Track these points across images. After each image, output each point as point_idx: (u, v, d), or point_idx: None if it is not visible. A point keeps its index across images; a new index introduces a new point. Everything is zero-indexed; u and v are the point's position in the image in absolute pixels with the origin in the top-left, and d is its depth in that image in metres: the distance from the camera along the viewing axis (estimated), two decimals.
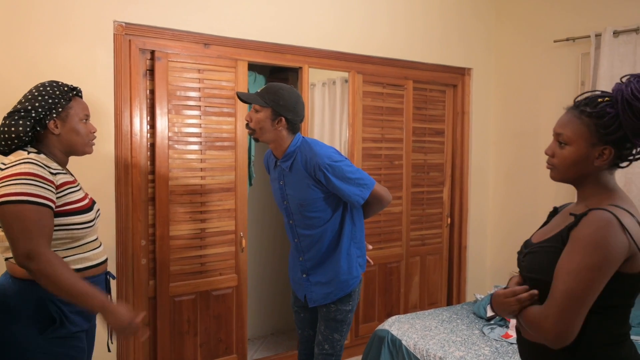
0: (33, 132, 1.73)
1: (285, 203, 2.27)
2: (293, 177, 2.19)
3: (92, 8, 2.54)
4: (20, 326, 1.65)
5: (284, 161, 2.20)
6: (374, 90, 3.56)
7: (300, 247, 2.29)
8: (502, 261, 4.12)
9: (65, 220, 1.71)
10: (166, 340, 2.84)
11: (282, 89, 2.14)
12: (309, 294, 2.30)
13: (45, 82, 1.79)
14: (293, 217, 2.26)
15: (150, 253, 2.81)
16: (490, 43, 4.12)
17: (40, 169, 1.65)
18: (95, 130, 1.88)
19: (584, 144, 1.32)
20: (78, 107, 1.81)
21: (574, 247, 1.25)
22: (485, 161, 4.17)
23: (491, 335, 2.73)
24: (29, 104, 1.72)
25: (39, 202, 1.60)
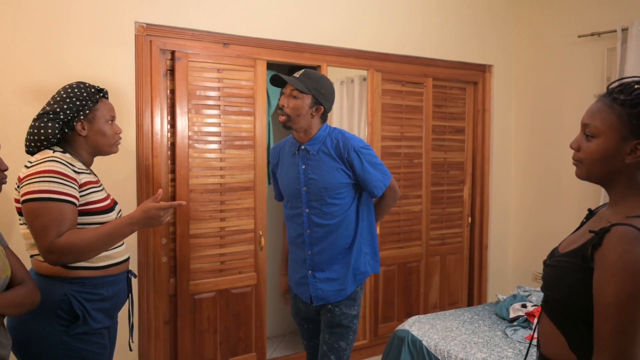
0: (61, 133, 1.76)
1: (305, 189, 2.15)
2: (319, 161, 2.13)
3: (114, 9, 2.56)
4: (44, 322, 1.68)
5: (310, 144, 2.14)
6: (393, 88, 3.54)
7: (311, 240, 2.17)
8: (524, 261, 4.06)
9: (87, 219, 1.73)
10: (187, 338, 2.87)
11: (323, 78, 2.12)
12: (315, 291, 2.18)
13: (72, 84, 1.82)
14: (311, 204, 2.15)
15: (170, 251, 2.83)
16: (512, 39, 4.05)
17: (63, 167, 1.68)
18: (120, 131, 1.91)
19: (614, 137, 1.16)
20: (104, 108, 1.84)
21: (606, 275, 1.09)
22: (506, 159, 4.11)
23: (514, 337, 2.69)
24: (58, 106, 1.75)
25: (61, 199, 1.63)
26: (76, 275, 1.72)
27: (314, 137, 2.14)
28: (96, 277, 1.77)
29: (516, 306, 2.96)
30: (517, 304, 2.99)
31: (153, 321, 2.78)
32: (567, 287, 1.19)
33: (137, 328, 2.72)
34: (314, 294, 2.17)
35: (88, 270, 1.75)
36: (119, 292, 1.87)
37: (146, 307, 2.75)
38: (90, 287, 1.74)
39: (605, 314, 1.08)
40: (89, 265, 1.75)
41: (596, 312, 1.11)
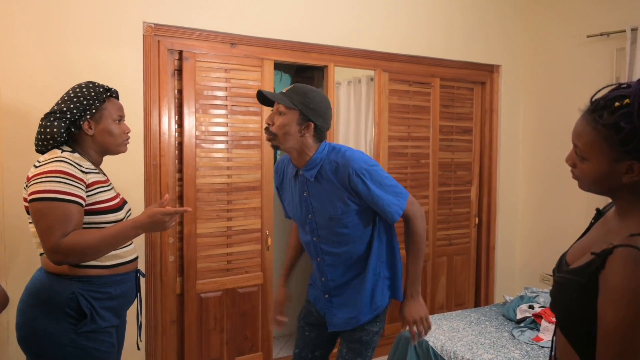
0: (68, 132, 1.77)
1: (310, 217, 1.96)
2: (320, 188, 1.91)
3: (122, 10, 2.58)
4: (53, 319, 1.69)
5: (307, 170, 1.91)
6: (400, 89, 3.53)
7: (324, 268, 2.00)
8: (531, 262, 4.04)
9: (95, 218, 1.74)
10: (193, 337, 2.88)
11: (313, 91, 1.88)
12: (330, 317, 2.03)
13: (82, 83, 1.83)
14: (318, 232, 1.96)
15: (178, 250, 2.85)
16: (520, 39, 4.04)
17: (70, 167, 1.69)
18: (129, 130, 1.90)
19: (604, 160, 1.11)
20: (112, 108, 1.84)
21: (608, 299, 1.06)
22: (514, 160, 4.09)
23: (521, 338, 2.68)
24: (65, 105, 1.76)
25: (67, 199, 1.64)
26: (84, 273, 1.73)
27: (309, 161, 1.89)
28: (104, 276, 1.77)
29: (523, 307, 2.95)
30: (524, 305, 2.98)
31: (160, 320, 2.80)
32: (573, 306, 1.15)
33: (145, 326, 2.74)
34: (329, 319, 2.03)
35: (96, 269, 1.75)
36: (127, 291, 1.88)
37: (153, 306, 2.77)
38: (98, 285, 1.75)
39: (607, 339, 1.06)
40: (97, 264, 1.76)
41: (599, 335, 1.09)
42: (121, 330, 1.96)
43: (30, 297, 1.75)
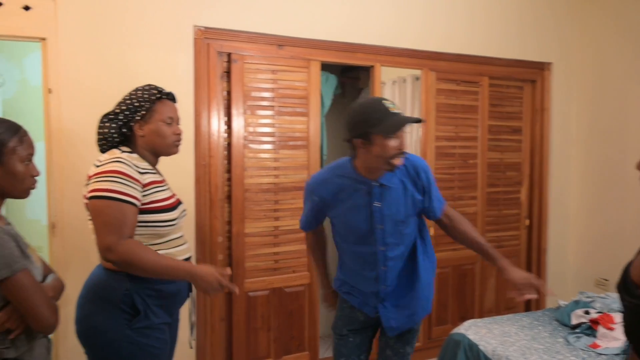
0: (121, 133, 1.83)
1: (380, 227, 1.93)
2: (395, 193, 1.93)
3: (174, 14, 2.65)
4: (109, 315, 1.74)
5: (386, 179, 1.92)
6: (448, 88, 3.48)
7: (387, 275, 1.98)
8: (586, 266, 3.89)
9: (150, 217, 1.78)
10: (241, 335, 2.92)
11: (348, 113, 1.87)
12: (387, 321, 2.01)
13: (140, 87, 1.87)
14: (386, 241, 1.95)
15: (226, 249, 2.90)
16: (573, 35, 3.90)
17: (128, 168, 1.73)
18: (180, 132, 1.91)
19: None
20: (162, 109, 1.86)
21: None
22: (566, 160, 3.96)
23: (577, 345, 2.58)
24: (119, 107, 1.83)
25: (123, 199, 1.68)
26: None
27: None
28: None
29: (578, 312, 2.85)
30: (579, 310, 2.87)
31: (209, 317, 2.85)
32: None
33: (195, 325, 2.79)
34: (386, 324, 2.02)
35: None
36: (179, 290, 1.90)
37: (203, 304, 2.82)
38: (152, 283, 1.78)
39: None
40: None
41: None
42: (174, 327, 1.99)
43: (89, 292, 1.81)
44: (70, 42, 2.45)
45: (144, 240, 1.79)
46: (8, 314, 1.45)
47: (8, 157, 1.47)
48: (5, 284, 1.40)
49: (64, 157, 2.46)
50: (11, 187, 1.50)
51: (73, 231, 2.47)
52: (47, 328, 1.49)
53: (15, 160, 1.48)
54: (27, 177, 1.52)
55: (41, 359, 1.56)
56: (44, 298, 1.47)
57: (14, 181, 1.49)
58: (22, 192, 1.54)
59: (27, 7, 2.37)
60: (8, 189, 1.50)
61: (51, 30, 2.42)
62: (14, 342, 1.47)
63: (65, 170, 2.45)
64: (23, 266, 1.43)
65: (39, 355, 1.54)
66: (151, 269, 1.69)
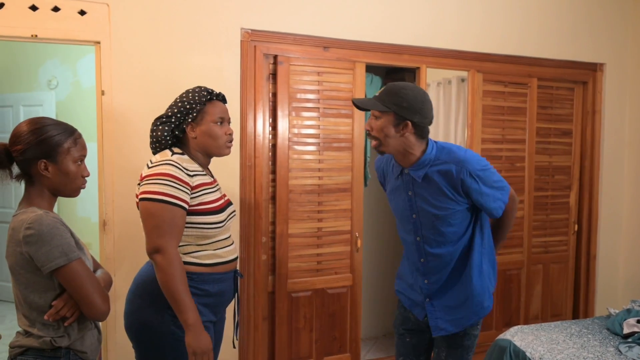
0: (173, 136, 1.87)
1: (414, 217, 1.96)
2: (428, 188, 1.90)
3: (222, 17, 2.70)
4: (156, 311, 1.78)
5: (415, 170, 1.90)
6: (495, 89, 3.41)
7: (427, 269, 1.97)
8: (638, 273, 3.74)
9: (198, 218, 1.81)
10: (284, 334, 2.94)
11: (405, 89, 1.85)
12: (433, 321, 1.98)
13: (190, 89, 1.91)
14: (422, 232, 1.95)
15: (270, 249, 2.93)
16: (627, 35, 3.76)
17: (178, 171, 1.77)
18: (231, 132, 1.94)
19: None
20: (213, 110, 1.88)
21: None
22: (618, 164, 3.82)
23: (629, 355, 2.49)
24: (171, 110, 1.87)
25: (173, 202, 1.73)
26: (185, 269, 1.79)
27: (418, 162, 1.89)
28: (203, 274, 1.84)
29: (631, 321, 2.74)
30: (631, 319, 2.77)
31: (252, 316, 2.89)
32: None
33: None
34: (432, 323, 1.99)
35: (196, 266, 1.82)
36: (224, 290, 1.93)
37: (246, 303, 2.86)
38: (197, 282, 1.82)
39: None
40: (198, 262, 1.83)
41: None
42: (219, 326, 2.02)
43: (138, 288, 1.86)
44: (122, 45, 2.53)
45: (192, 239, 1.82)
46: (64, 301, 1.52)
47: (63, 157, 1.56)
48: (62, 272, 1.48)
49: (115, 157, 2.53)
50: (63, 186, 1.59)
51: (123, 229, 2.55)
52: (100, 315, 1.56)
53: (69, 160, 1.57)
54: (79, 177, 1.61)
55: (92, 348, 1.62)
56: (97, 286, 1.54)
57: (67, 180, 1.58)
58: (73, 191, 1.63)
59: (82, 11, 2.46)
60: (61, 188, 1.59)
61: (105, 34, 2.50)
62: (67, 330, 1.54)
63: (116, 170, 2.53)
64: (78, 255, 1.51)
65: (89, 345, 1.61)
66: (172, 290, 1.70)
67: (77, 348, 1.56)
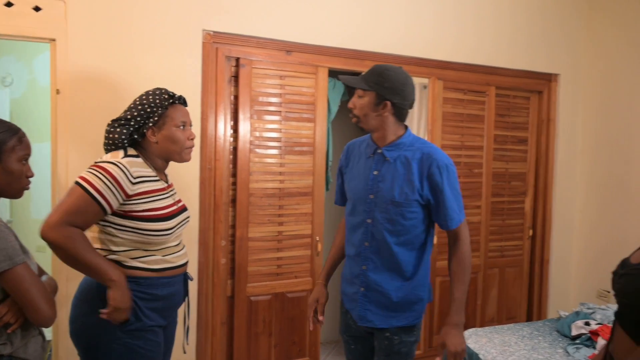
0: (131, 139, 1.82)
1: (371, 197, 1.95)
2: (394, 170, 1.92)
3: (183, 18, 2.67)
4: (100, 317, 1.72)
5: (389, 150, 1.94)
6: (455, 97, 3.49)
7: (369, 254, 1.97)
8: (589, 277, 3.88)
9: (144, 225, 1.75)
10: (242, 339, 2.92)
11: (388, 70, 1.89)
12: (363, 311, 1.98)
13: (150, 91, 1.86)
14: (374, 215, 1.94)
15: (229, 253, 2.91)
16: (580, 47, 3.90)
17: (121, 175, 1.71)
18: (193, 136, 1.91)
19: None
20: (175, 114, 1.85)
21: None
22: (571, 171, 3.96)
23: (576, 356, 2.58)
24: (130, 113, 1.82)
25: (96, 198, 1.67)
26: (132, 274, 1.76)
27: (394, 143, 1.94)
28: (151, 278, 1.79)
29: (579, 323, 2.84)
30: (579, 321, 2.87)
31: (210, 321, 2.86)
32: None
33: (195, 326, 2.80)
34: (361, 313, 1.99)
35: (144, 271, 1.78)
36: (174, 293, 1.89)
37: (204, 307, 2.83)
38: (145, 286, 1.78)
39: None
40: (145, 267, 1.78)
41: None
42: (170, 330, 1.98)
43: (82, 293, 1.81)
44: (79, 43, 2.47)
45: (138, 245, 1.78)
46: (7, 306, 1.47)
47: (7, 155, 1.52)
48: (6, 276, 1.43)
49: (69, 158, 2.47)
50: (7, 186, 1.55)
51: None
52: (46, 321, 1.51)
53: (13, 159, 1.54)
54: (23, 176, 1.58)
55: (36, 355, 1.57)
56: (42, 291, 1.50)
57: (11, 179, 1.55)
58: (17, 192, 1.59)
59: (37, 7, 2.39)
60: (5, 188, 1.55)
61: (61, 32, 2.44)
62: (10, 337, 1.48)
63: (70, 171, 2.47)
64: (23, 259, 1.46)
65: (33, 352, 1.55)
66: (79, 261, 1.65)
67: (20, 356, 1.51)
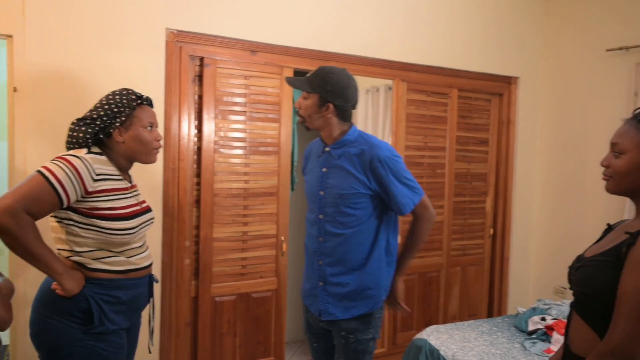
0: (96, 138, 1.80)
1: (321, 193, 2.05)
2: (341, 167, 2.01)
3: (146, 16, 2.64)
4: (62, 319, 1.71)
5: (335, 148, 2.04)
6: (418, 98, 3.55)
7: (323, 249, 2.04)
8: (546, 275, 4.02)
9: (105, 223, 1.74)
10: (207, 340, 2.91)
11: (331, 73, 1.97)
12: (324, 305, 2.05)
13: (116, 90, 1.85)
14: (325, 210, 2.03)
15: (193, 254, 2.89)
16: (539, 52, 4.03)
17: (84, 169, 1.70)
18: (160, 137, 1.91)
19: (639, 153, 1.32)
20: (142, 114, 1.85)
21: (632, 268, 1.24)
22: (531, 172, 4.08)
23: (532, 350, 2.67)
24: (96, 112, 1.80)
25: (55, 187, 1.64)
26: (96, 276, 1.74)
27: (339, 140, 2.04)
28: (116, 279, 1.78)
29: (535, 319, 2.94)
30: (536, 316, 2.97)
31: (174, 322, 2.83)
32: (603, 283, 1.29)
33: (159, 328, 2.78)
34: (322, 307, 2.05)
35: (107, 273, 1.77)
36: (138, 295, 1.88)
37: (168, 308, 2.81)
38: (109, 289, 1.76)
39: (622, 299, 1.23)
40: (109, 269, 1.77)
41: (617, 298, 1.25)
42: (134, 332, 1.97)
43: (43, 295, 1.77)
44: (37, 40, 2.41)
45: (102, 246, 1.76)
46: None
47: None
48: None
49: (27, 157, 2.41)
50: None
51: None
52: (1, 324, 1.48)
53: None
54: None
55: None
56: None
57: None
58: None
59: None
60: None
61: (18, 28, 2.38)
62: None
63: (28, 170, 2.40)
64: None
65: None
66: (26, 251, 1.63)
67: None
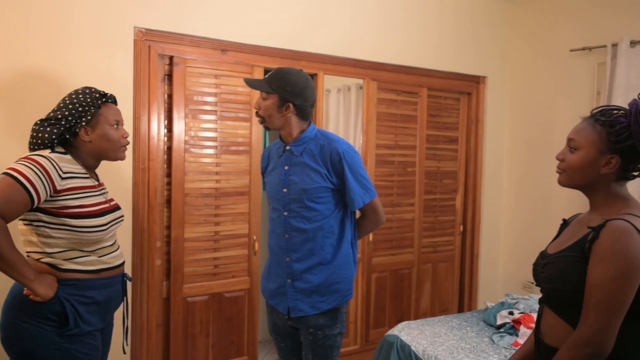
0: (61, 138, 1.78)
1: (284, 191, 2.08)
2: (302, 163, 2.06)
3: (113, 14, 2.61)
4: (35, 322, 1.69)
5: (296, 145, 2.08)
6: (389, 97, 3.59)
7: (290, 245, 2.07)
8: (514, 269, 4.11)
9: (76, 222, 1.73)
10: (179, 341, 2.89)
11: (290, 74, 2.02)
12: (293, 302, 2.06)
13: (79, 89, 1.83)
14: (290, 207, 2.06)
15: (165, 254, 2.87)
16: (505, 52, 4.12)
17: (50, 167, 1.69)
18: (127, 135, 1.92)
19: (593, 150, 1.37)
20: (108, 113, 1.85)
21: (597, 261, 1.28)
22: (498, 169, 4.17)
23: (500, 343, 2.73)
24: (60, 112, 1.78)
25: (26, 186, 1.62)
26: (68, 277, 1.73)
27: (299, 138, 2.08)
28: (89, 279, 1.77)
29: (503, 313, 3.01)
30: (504, 311, 3.04)
31: (146, 323, 2.81)
32: (570, 278, 1.33)
33: (130, 330, 2.75)
34: (291, 304, 2.06)
35: (80, 273, 1.75)
36: (112, 295, 1.88)
37: (139, 310, 2.78)
38: (82, 289, 1.75)
39: (590, 292, 1.27)
40: (82, 269, 1.76)
41: (586, 289, 1.29)
42: (107, 332, 1.97)
43: (15, 298, 1.75)
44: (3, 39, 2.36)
45: (74, 246, 1.75)
46: None
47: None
48: None
49: None
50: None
51: None
52: None
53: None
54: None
55: None
56: None
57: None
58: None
59: None
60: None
61: None
62: None
63: None
64: None
65: None
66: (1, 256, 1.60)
67: None
